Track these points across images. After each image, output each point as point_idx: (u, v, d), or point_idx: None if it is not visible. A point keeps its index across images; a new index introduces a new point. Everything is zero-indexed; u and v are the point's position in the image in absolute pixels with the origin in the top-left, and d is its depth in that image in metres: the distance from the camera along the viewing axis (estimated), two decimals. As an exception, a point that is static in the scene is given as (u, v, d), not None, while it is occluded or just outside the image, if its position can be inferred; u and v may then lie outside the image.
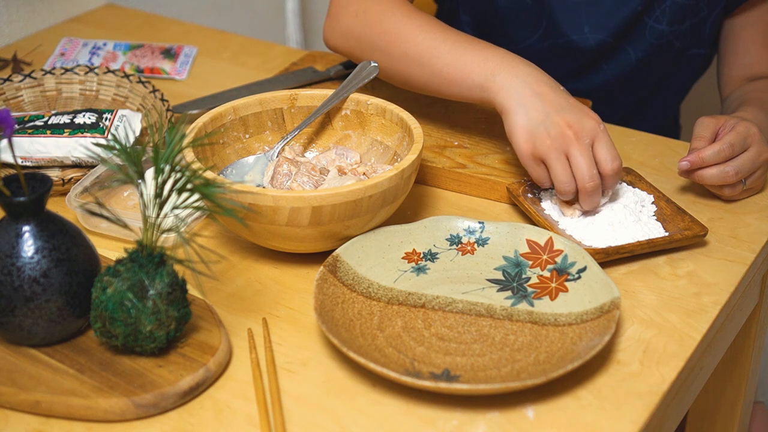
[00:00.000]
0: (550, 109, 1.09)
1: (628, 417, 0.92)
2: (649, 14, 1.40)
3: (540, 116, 1.09)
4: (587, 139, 1.08)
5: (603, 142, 1.09)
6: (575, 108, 1.10)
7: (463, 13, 1.49)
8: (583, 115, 1.09)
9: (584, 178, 1.08)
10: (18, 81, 1.37)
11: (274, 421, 0.91)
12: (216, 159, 1.16)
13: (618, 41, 1.42)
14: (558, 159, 1.09)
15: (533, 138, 1.09)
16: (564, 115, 1.09)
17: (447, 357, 0.97)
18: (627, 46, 1.43)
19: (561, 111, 1.09)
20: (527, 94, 1.11)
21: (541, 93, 1.11)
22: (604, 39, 1.41)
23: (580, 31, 1.41)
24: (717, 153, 1.14)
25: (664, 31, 1.40)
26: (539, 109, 1.10)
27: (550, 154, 1.09)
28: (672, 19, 1.40)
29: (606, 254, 1.08)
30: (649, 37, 1.41)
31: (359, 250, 1.07)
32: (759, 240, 1.14)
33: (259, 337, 1.00)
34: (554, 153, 1.08)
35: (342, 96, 1.20)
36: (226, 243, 1.14)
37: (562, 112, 1.09)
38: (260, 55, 1.56)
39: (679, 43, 1.42)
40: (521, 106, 1.10)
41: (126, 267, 0.92)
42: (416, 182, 1.24)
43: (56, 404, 0.91)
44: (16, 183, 0.93)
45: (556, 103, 1.10)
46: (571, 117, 1.09)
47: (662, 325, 1.02)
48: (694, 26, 1.41)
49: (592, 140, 1.09)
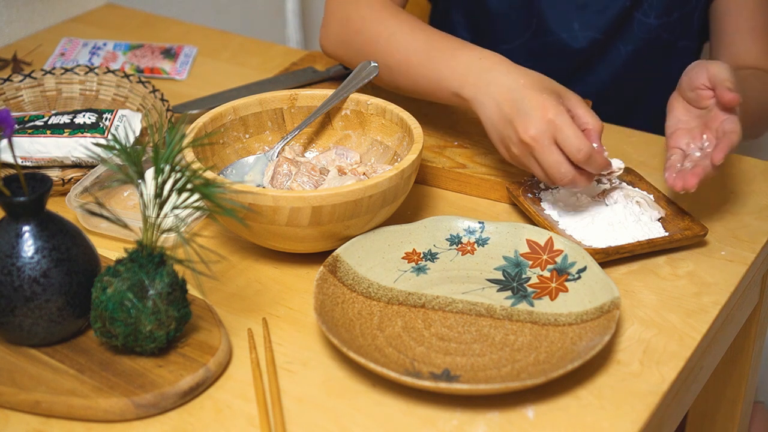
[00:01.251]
0: (510, 116, 1.09)
1: (628, 417, 0.92)
2: (637, 8, 1.40)
3: (502, 125, 1.10)
4: (547, 140, 1.07)
5: (562, 136, 1.07)
6: (532, 107, 1.08)
7: (455, 13, 1.49)
8: (536, 117, 1.07)
9: (558, 176, 1.08)
10: (18, 81, 1.37)
11: (274, 421, 0.91)
12: (216, 159, 1.16)
13: (608, 38, 1.42)
14: (530, 164, 1.10)
15: (504, 147, 1.11)
16: (520, 122, 1.08)
17: (447, 357, 0.97)
18: (617, 42, 1.43)
19: (518, 116, 1.08)
20: (489, 104, 1.11)
21: (500, 99, 1.10)
22: (595, 36, 1.42)
23: (569, 28, 1.42)
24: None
25: (652, 24, 1.40)
26: (500, 118, 1.10)
27: (523, 160, 1.10)
28: (660, 12, 1.40)
29: (606, 254, 1.08)
30: (638, 31, 1.42)
31: (359, 250, 1.07)
32: (759, 240, 1.14)
33: (259, 337, 1.00)
34: (524, 159, 1.10)
35: (342, 96, 1.20)
36: (226, 243, 1.14)
37: (519, 117, 1.08)
38: (260, 55, 1.56)
39: (668, 36, 1.42)
40: (487, 117, 1.11)
41: (126, 267, 0.92)
42: (416, 182, 1.24)
43: (56, 404, 0.91)
44: (16, 183, 0.93)
45: (514, 108, 1.09)
46: (526, 122, 1.07)
47: (662, 325, 1.02)
48: (683, 18, 1.41)
49: (552, 138, 1.07)
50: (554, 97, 1.09)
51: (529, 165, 1.10)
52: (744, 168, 1.27)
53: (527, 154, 1.09)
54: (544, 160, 1.07)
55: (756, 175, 1.26)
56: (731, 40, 1.37)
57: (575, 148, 1.06)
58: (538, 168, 1.09)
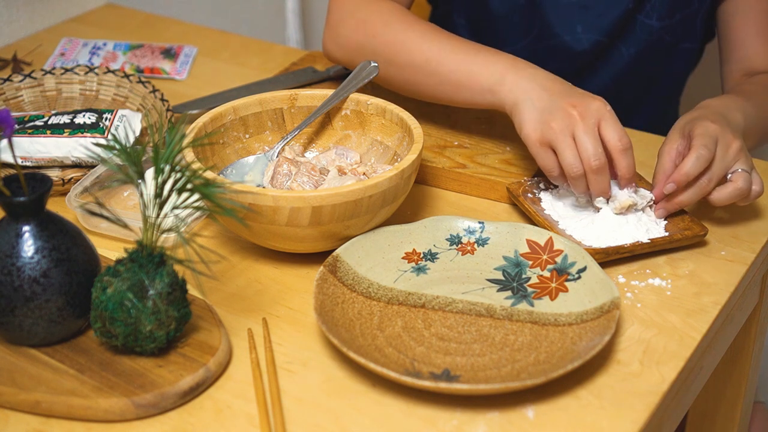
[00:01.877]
0: (556, 97, 1.11)
1: (628, 417, 0.92)
2: (639, 11, 1.40)
3: (546, 104, 1.11)
4: (592, 119, 1.09)
5: (609, 122, 1.09)
6: (581, 92, 1.12)
7: (457, 16, 1.49)
8: (588, 97, 1.10)
9: (589, 157, 1.08)
10: (18, 81, 1.37)
11: (274, 421, 0.91)
12: (216, 159, 1.16)
13: (611, 40, 1.42)
14: (564, 141, 1.09)
15: (540, 125, 1.10)
16: (569, 99, 1.10)
17: (447, 357, 0.97)
18: (620, 45, 1.43)
19: (566, 96, 1.11)
20: (534, 88, 1.12)
21: (547, 86, 1.12)
22: (597, 38, 1.42)
23: (572, 31, 1.42)
24: (696, 160, 1.10)
25: (654, 26, 1.40)
26: (545, 98, 1.11)
27: (557, 137, 1.09)
28: (662, 14, 1.40)
29: (606, 254, 1.08)
30: (641, 33, 1.41)
31: (359, 250, 1.07)
32: (759, 240, 1.14)
33: (259, 337, 1.00)
34: (560, 136, 1.09)
35: (342, 96, 1.20)
36: (226, 243, 1.14)
37: (567, 96, 1.11)
38: (260, 55, 1.56)
39: (670, 38, 1.42)
40: (528, 99, 1.12)
41: (126, 267, 0.92)
42: (416, 182, 1.24)
43: (56, 404, 0.91)
44: (16, 183, 0.93)
45: (561, 91, 1.12)
46: (576, 99, 1.10)
47: (662, 325, 1.02)
48: (685, 20, 1.41)
49: (597, 120, 1.09)
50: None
51: (558, 144, 1.09)
52: (744, 168, 1.27)
53: (566, 129, 1.09)
54: (581, 137, 1.08)
55: (756, 175, 1.26)
56: (740, 44, 1.37)
57: (617, 135, 1.08)
58: (567, 148, 1.09)
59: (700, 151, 1.10)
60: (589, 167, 1.08)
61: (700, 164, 1.10)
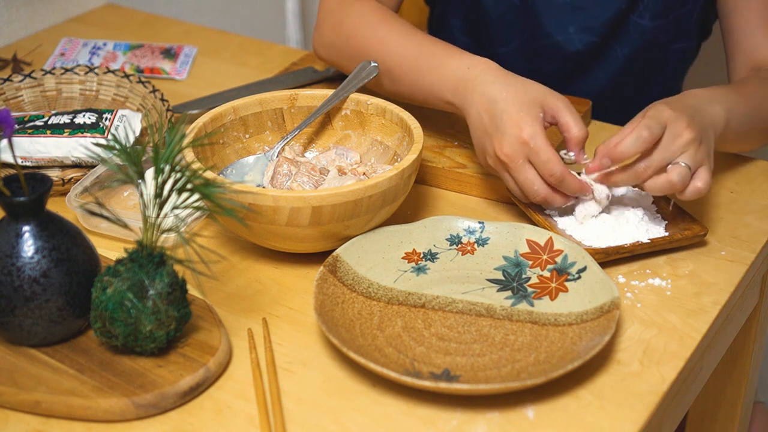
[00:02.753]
0: (488, 131, 1.11)
1: (628, 417, 0.92)
2: (632, 11, 1.40)
3: (480, 138, 1.12)
4: (520, 159, 1.08)
5: (536, 159, 1.08)
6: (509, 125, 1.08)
7: (452, 17, 1.49)
8: (511, 137, 1.08)
9: (531, 193, 1.09)
10: (18, 81, 1.37)
11: (274, 421, 0.91)
12: (216, 159, 1.16)
13: (604, 41, 1.42)
14: (505, 178, 1.12)
15: (483, 158, 1.14)
16: (496, 139, 1.09)
17: (447, 357, 0.97)
18: (614, 45, 1.43)
19: (495, 133, 1.10)
20: (472, 114, 1.13)
21: (481, 109, 1.11)
22: (591, 39, 1.42)
23: (565, 31, 1.42)
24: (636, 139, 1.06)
25: (647, 26, 1.40)
26: (479, 129, 1.12)
27: (498, 173, 1.13)
28: (655, 14, 1.40)
29: (606, 254, 1.08)
30: (634, 33, 1.41)
31: (359, 250, 1.07)
32: (759, 240, 1.14)
33: (259, 337, 1.00)
34: (500, 173, 1.12)
35: (342, 96, 1.20)
36: (226, 243, 1.14)
37: (496, 134, 1.09)
38: (260, 55, 1.56)
39: (664, 38, 1.42)
40: (473, 126, 1.13)
41: (126, 267, 0.92)
42: (416, 182, 1.24)
43: (56, 404, 0.91)
44: (16, 183, 0.93)
45: (492, 123, 1.10)
46: (502, 141, 1.09)
47: (662, 325, 1.02)
48: (678, 19, 1.41)
49: (526, 158, 1.09)
50: (534, 113, 1.09)
51: (504, 179, 1.12)
52: (744, 168, 1.27)
53: (502, 169, 1.11)
54: (517, 178, 1.09)
55: (756, 176, 1.26)
56: (743, 37, 1.34)
57: (548, 172, 1.08)
58: (513, 184, 1.11)
59: (641, 131, 1.06)
60: (536, 201, 1.10)
61: (637, 144, 1.06)
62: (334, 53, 1.30)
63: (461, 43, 1.47)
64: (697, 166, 1.08)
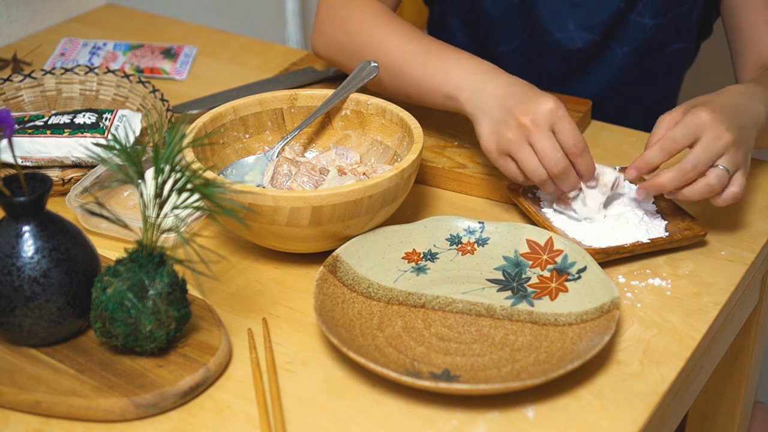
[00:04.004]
0: (509, 105, 1.10)
1: (628, 417, 0.92)
2: (631, 9, 1.40)
3: (500, 115, 1.11)
4: (546, 126, 1.08)
5: (563, 127, 1.08)
6: (534, 97, 1.10)
7: (452, 17, 1.50)
8: (540, 102, 1.09)
9: (551, 163, 1.08)
10: (18, 81, 1.37)
11: (274, 421, 0.91)
12: (216, 159, 1.16)
13: (604, 39, 1.42)
14: (522, 150, 1.09)
15: (496, 137, 1.11)
16: (521, 107, 1.09)
17: (447, 357, 0.97)
18: (613, 43, 1.43)
19: (518, 104, 1.10)
20: (486, 99, 1.12)
21: (499, 95, 1.12)
22: (590, 37, 1.42)
23: (565, 29, 1.42)
24: (660, 150, 1.08)
25: (647, 24, 1.40)
26: (497, 108, 1.11)
27: (513, 147, 1.09)
28: (654, 12, 1.40)
29: (606, 254, 1.08)
30: (633, 31, 1.42)
31: (359, 250, 1.07)
32: (759, 240, 1.14)
33: (259, 337, 1.00)
34: (517, 145, 1.09)
35: (342, 96, 1.20)
36: (226, 243, 1.14)
37: (520, 104, 1.10)
38: (260, 55, 1.56)
39: (663, 36, 1.42)
40: (483, 113, 1.12)
41: (126, 267, 0.92)
42: (416, 182, 1.24)
43: (56, 404, 0.91)
44: (16, 183, 0.93)
45: (513, 99, 1.11)
46: (528, 107, 1.09)
47: (662, 325, 1.02)
48: (678, 19, 1.41)
49: (551, 125, 1.08)
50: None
51: (517, 153, 1.09)
52: (744, 168, 1.27)
53: (521, 139, 1.09)
54: (538, 144, 1.08)
55: (756, 175, 1.26)
56: (751, 36, 1.33)
57: (572, 141, 1.07)
58: (526, 156, 1.08)
59: (666, 142, 1.07)
60: (552, 173, 1.09)
61: (663, 155, 1.07)
62: (333, 50, 1.30)
63: (461, 43, 1.47)
64: (735, 169, 1.08)
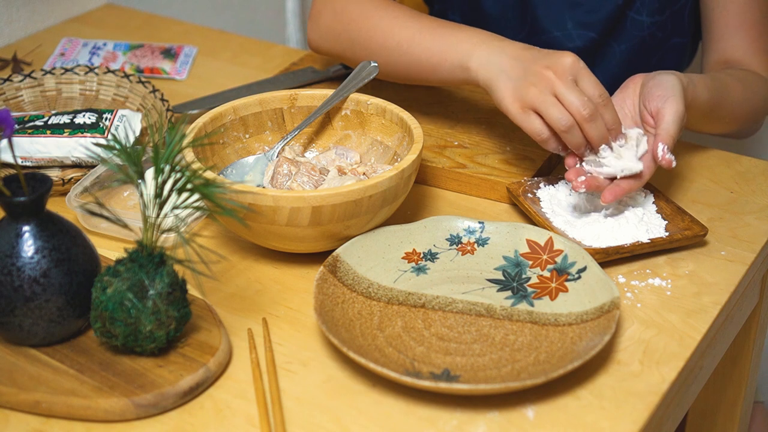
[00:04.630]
0: (528, 63, 1.11)
1: (628, 417, 0.92)
2: (629, 7, 1.41)
3: (519, 72, 1.11)
4: (569, 76, 1.09)
5: (586, 78, 1.10)
6: (552, 53, 1.12)
7: (452, 15, 1.50)
8: (560, 56, 1.10)
9: (579, 108, 1.08)
10: (18, 81, 1.37)
11: (274, 421, 0.91)
12: (216, 159, 1.16)
13: (603, 37, 1.43)
14: (546, 100, 1.09)
15: (518, 93, 1.11)
16: (542, 62, 1.10)
17: (447, 357, 0.97)
18: (612, 41, 1.44)
19: (538, 60, 1.11)
20: (504, 60, 1.13)
21: (516, 55, 1.13)
22: (589, 35, 1.42)
23: (563, 27, 1.42)
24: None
25: (645, 22, 1.41)
26: (517, 67, 1.12)
27: (538, 99, 1.09)
28: (651, 10, 1.40)
29: (606, 254, 1.08)
30: (632, 29, 1.42)
31: (359, 250, 1.07)
32: (759, 240, 1.14)
33: (259, 337, 1.00)
34: (541, 97, 1.09)
35: (342, 96, 1.20)
36: (226, 243, 1.14)
37: (539, 60, 1.11)
38: (260, 55, 1.56)
39: (661, 34, 1.43)
40: (501, 71, 1.13)
41: (126, 267, 0.92)
42: (416, 182, 1.24)
43: (56, 404, 0.91)
44: (16, 183, 0.93)
45: (532, 57, 1.12)
46: (549, 60, 1.10)
47: (662, 325, 1.02)
48: (674, 15, 1.42)
49: (574, 77, 1.10)
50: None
51: (541, 105, 1.09)
52: (744, 168, 1.27)
53: (545, 90, 1.09)
54: (564, 93, 1.08)
55: (756, 175, 1.26)
56: (720, 35, 1.37)
57: (597, 92, 1.09)
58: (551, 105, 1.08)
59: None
60: (581, 118, 1.08)
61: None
62: (332, 40, 1.31)
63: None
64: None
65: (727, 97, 1.25)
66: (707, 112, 1.21)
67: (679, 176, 1.25)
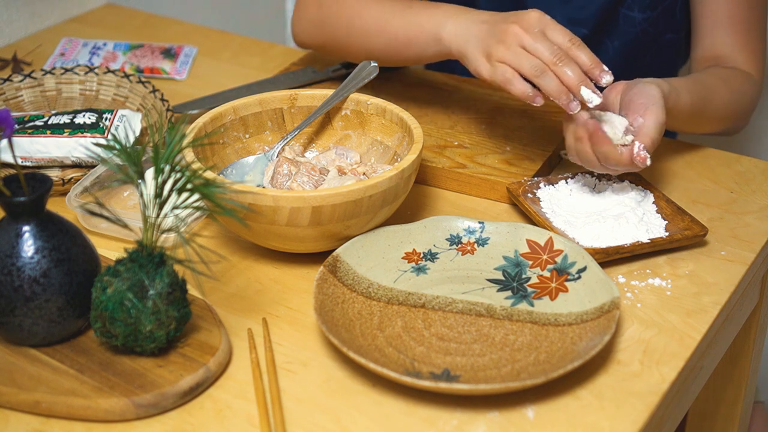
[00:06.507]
0: (494, 24, 1.14)
1: (628, 417, 0.92)
2: (621, 3, 1.41)
3: (486, 33, 1.14)
4: (536, 29, 1.11)
5: (552, 28, 1.11)
6: (518, 12, 1.14)
7: None
8: (526, 13, 1.12)
9: (547, 55, 1.10)
10: (18, 81, 1.37)
11: (274, 421, 0.91)
12: (216, 159, 1.16)
13: (595, 34, 1.43)
14: (517, 53, 1.11)
15: (488, 52, 1.13)
16: (507, 19, 1.13)
17: (447, 357, 0.97)
18: (604, 38, 1.44)
19: (504, 19, 1.13)
20: (473, 27, 1.16)
21: (484, 20, 1.16)
22: (582, 31, 1.42)
23: None
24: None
25: (636, 18, 1.42)
26: (485, 29, 1.14)
27: (507, 55, 1.11)
28: (643, 6, 1.41)
29: (606, 254, 1.08)
30: (624, 25, 1.42)
31: (359, 250, 1.07)
32: (759, 240, 1.14)
33: (259, 337, 1.00)
34: (511, 52, 1.11)
35: (342, 96, 1.20)
36: (226, 243, 1.14)
37: (506, 18, 1.13)
38: (260, 55, 1.56)
39: (654, 30, 1.43)
40: (471, 36, 1.15)
41: (126, 267, 0.92)
42: (416, 182, 1.24)
43: (56, 404, 0.91)
44: (16, 183, 0.93)
45: (498, 18, 1.14)
46: (514, 17, 1.12)
47: (662, 325, 1.02)
48: (665, 11, 1.42)
49: (541, 30, 1.11)
50: None
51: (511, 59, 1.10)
52: (744, 168, 1.27)
53: (513, 44, 1.10)
54: (532, 45, 1.10)
55: (756, 175, 1.26)
56: (708, 31, 1.38)
57: (567, 36, 1.11)
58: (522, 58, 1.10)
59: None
60: (552, 63, 1.10)
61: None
62: (315, 29, 1.34)
63: None
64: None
65: (712, 100, 1.26)
66: (691, 116, 1.23)
67: (679, 176, 1.25)
